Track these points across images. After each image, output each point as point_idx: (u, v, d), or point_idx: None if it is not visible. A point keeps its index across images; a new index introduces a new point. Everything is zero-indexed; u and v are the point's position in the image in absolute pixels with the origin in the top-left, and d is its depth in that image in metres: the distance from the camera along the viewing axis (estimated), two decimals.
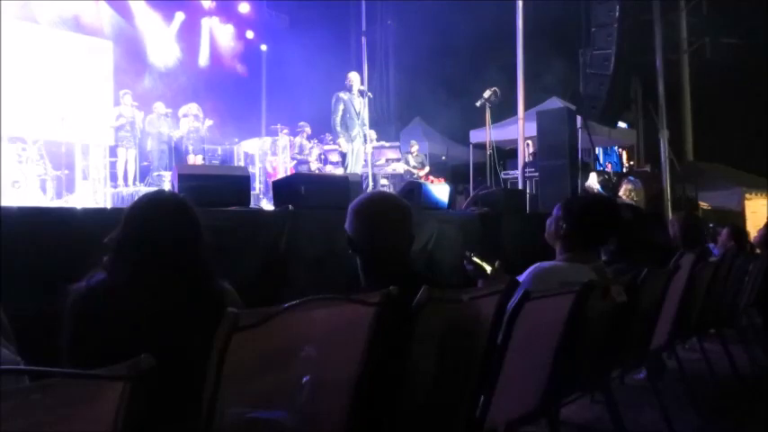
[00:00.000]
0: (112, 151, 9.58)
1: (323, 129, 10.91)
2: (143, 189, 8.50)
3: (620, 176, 12.15)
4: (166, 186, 8.27)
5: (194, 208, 1.81)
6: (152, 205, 1.78)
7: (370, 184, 9.04)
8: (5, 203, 6.30)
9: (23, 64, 9.45)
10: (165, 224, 1.72)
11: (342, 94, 8.62)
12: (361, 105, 8.73)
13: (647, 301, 2.84)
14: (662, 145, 11.94)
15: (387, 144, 11.03)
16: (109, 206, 7.75)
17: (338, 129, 8.61)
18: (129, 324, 1.52)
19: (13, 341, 1.32)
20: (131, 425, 0.92)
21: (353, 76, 8.95)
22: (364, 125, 8.86)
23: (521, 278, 2.28)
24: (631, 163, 16.56)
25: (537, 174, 9.83)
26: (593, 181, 9.73)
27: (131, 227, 1.72)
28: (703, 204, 13.25)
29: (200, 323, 1.14)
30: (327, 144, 10.65)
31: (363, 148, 8.93)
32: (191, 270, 1.71)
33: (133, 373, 0.87)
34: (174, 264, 1.69)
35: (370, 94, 9.10)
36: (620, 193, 9.16)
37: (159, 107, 9.73)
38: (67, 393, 0.89)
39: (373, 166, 9.97)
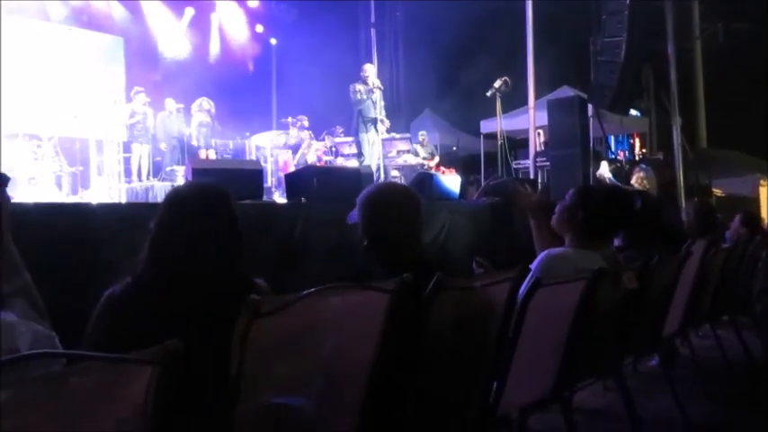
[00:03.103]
0: (126, 147, 9.68)
1: (333, 121, 10.94)
2: (157, 184, 8.60)
3: (633, 164, 12.08)
4: (180, 180, 8.35)
5: (229, 199, 1.75)
6: (180, 199, 1.73)
7: (382, 175, 9.06)
8: (22, 200, 6.38)
9: (37, 62, 9.55)
10: (194, 218, 1.66)
11: (359, 86, 8.66)
12: (377, 97, 8.77)
13: (658, 288, 2.85)
14: (674, 132, 11.83)
15: (397, 136, 11.03)
16: (123, 201, 7.84)
17: (358, 120, 8.69)
18: (162, 319, 1.50)
19: (47, 318, 1.37)
20: (160, 408, 0.96)
21: (369, 68, 8.99)
22: (380, 116, 8.89)
23: (532, 266, 2.31)
24: (644, 151, 16.45)
25: (548, 163, 9.80)
26: (604, 169, 9.70)
27: (161, 222, 1.67)
28: (717, 191, 13.14)
29: (234, 318, 1.15)
30: (338, 136, 10.67)
31: (378, 140, 8.98)
32: (228, 266, 1.67)
33: (162, 357, 0.92)
34: (210, 260, 1.64)
35: (380, 85, 9.10)
36: (632, 181, 9.13)
37: (170, 103, 9.80)
38: (99, 377, 0.94)
39: (384, 157, 9.99)
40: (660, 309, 3.00)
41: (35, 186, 7.47)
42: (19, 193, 6.95)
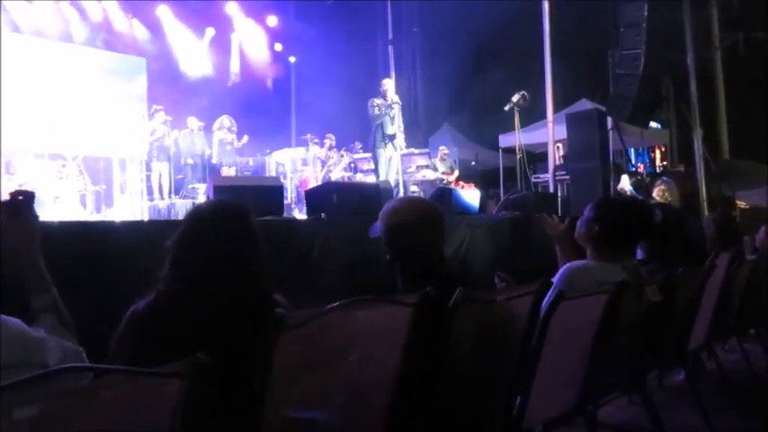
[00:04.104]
0: (148, 165, 9.83)
1: (352, 138, 11.01)
2: (178, 202, 8.70)
3: (654, 177, 11.97)
4: (201, 198, 8.45)
5: (249, 216, 1.76)
6: (202, 218, 1.74)
7: (401, 190, 9.06)
8: (47, 218, 6.49)
9: (61, 83, 9.76)
10: (216, 236, 1.68)
11: (377, 101, 8.64)
12: (395, 112, 8.72)
13: (682, 301, 2.82)
14: (696, 144, 11.72)
15: (416, 151, 11.06)
16: (146, 219, 7.94)
17: (375, 135, 8.66)
18: (185, 335, 1.50)
19: (74, 333, 1.39)
20: (188, 422, 0.97)
21: (387, 83, 8.97)
22: (398, 132, 8.83)
23: (554, 279, 2.30)
24: (664, 163, 16.30)
25: (568, 177, 9.76)
26: (625, 183, 9.62)
27: (182, 240, 1.69)
28: (741, 203, 12.95)
29: (254, 333, 1.16)
30: (357, 153, 10.73)
31: (397, 155, 8.92)
32: (247, 282, 1.68)
33: (189, 370, 0.93)
34: (230, 276, 1.65)
35: (399, 101, 9.10)
36: (654, 194, 9.04)
37: (192, 122, 9.94)
38: (127, 391, 0.95)
39: (403, 173, 10.00)
40: (685, 322, 2.96)
41: (60, 205, 7.60)
42: (44, 212, 7.08)
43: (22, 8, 9.93)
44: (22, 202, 1.42)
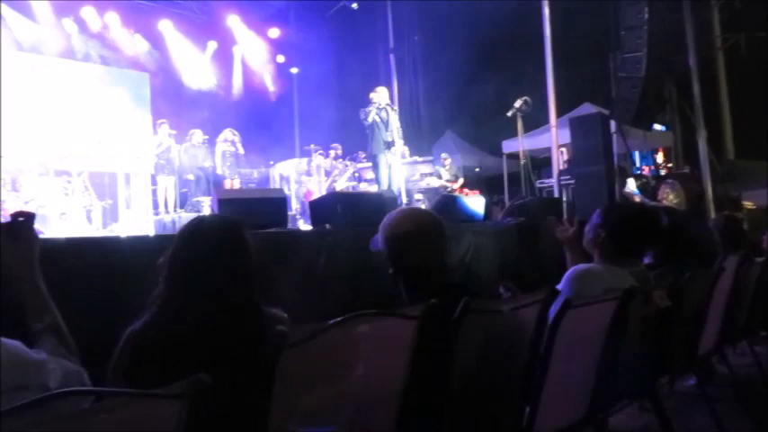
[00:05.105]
0: (153, 179, 9.86)
1: (356, 147, 11.02)
2: (183, 215, 8.72)
3: (659, 180, 11.92)
4: (206, 211, 8.46)
5: (242, 231, 1.74)
6: (194, 234, 1.73)
7: (404, 199, 9.02)
8: (54, 235, 6.53)
9: (65, 99, 9.81)
10: (209, 252, 1.66)
11: (368, 109, 8.54)
12: (391, 118, 8.60)
13: (692, 305, 2.79)
14: (700, 145, 11.68)
15: (420, 159, 11.06)
16: (152, 233, 7.95)
17: (372, 143, 8.56)
18: (182, 354, 1.48)
19: (75, 353, 1.38)
20: None
21: (379, 90, 8.80)
22: (397, 138, 8.70)
23: (559, 286, 2.28)
24: (669, 165, 16.23)
25: (572, 181, 9.73)
26: (631, 186, 9.58)
27: (176, 257, 1.67)
28: (748, 204, 12.88)
29: (252, 349, 1.14)
30: (361, 162, 10.73)
31: (397, 162, 8.80)
32: (239, 297, 1.65)
33: (190, 391, 0.92)
34: (222, 291, 1.63)
35: (394, 107, 8.99)
36: (659, 197, 9.00)
37: (197, 135, 9.98)
38: (127, 413, 0.94)
39: (407, 181, 9.98)
40: (694, 326, 2.93)
41: (66, 221, 7.62)
42: (51, 228, 7.10)
43: (25, 26, 10.01)
44: (23, 223, 1.42)
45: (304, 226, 7.94)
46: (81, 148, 9.50)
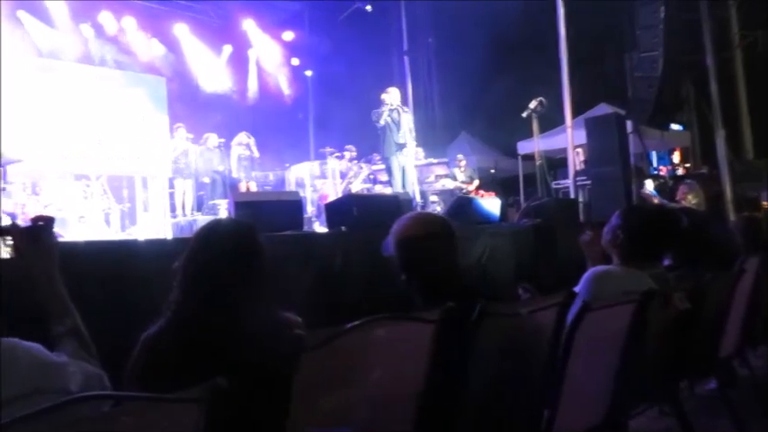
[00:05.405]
0: (171, 182, 9.93)
1: (370, 149, 11.02)
2: (200, 218, 8.77)
3: (676, 180, 11.80)
4: (222, 214, 8.51)
5: (256, 235, 1.75)
6: (208, 239, 1.73)
7: (418, 200, 8.98)
8: (73, 238, 6.60)
9: (82, 104, 9.91)
10: (223, 257, 1.66)
11: (381, 110, 8.49)
12: (403, 120, 8.52)
13: (712, 308, 2.75)
14: (718, 144, 11.54)
15: (434, 161, 11.04)
16: (170, 236, 8.01)
17: (384, 145, 8.53)
18: (198, 358, 1.49)
19: (95, 356, 1.39)
20: None
21: (390, 90, 8.74)
22: (409, 140, 8.64)
23: (577, 288, 2.26)
24: (686, 165, 16.06)
25: (589, 182, 9.66)
26: (649, 187, 9.49)
27: (190, 262, 1.68)
28: (767, 204, 12.71)
29: (267, 354, 1.15)
30: (376, 164, 10.73)
31: (410, 164, 8.71)
32: (254, 302, 1.64)
33: (208, 395, 0.92)
34: (236, 296, 1.62)
35: (406, 108, 8.94)
36: (678, 197, 8.90)
37: (212, 138, 10.05)
38: (146, 417, 0.94)
39: (422, 183, 9.96)
40: (715, 329, 2.89)
41: (85, 224, 7.70)
42: (70, 232, 7.18)
43: (44, 32, 10.15)
44: (42, 227, 1.43)
45: (320, 228, 7.96)
46: (99, 152, 9.59)
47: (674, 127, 13.40)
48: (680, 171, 15.20)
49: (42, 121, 9.18)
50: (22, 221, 5.85)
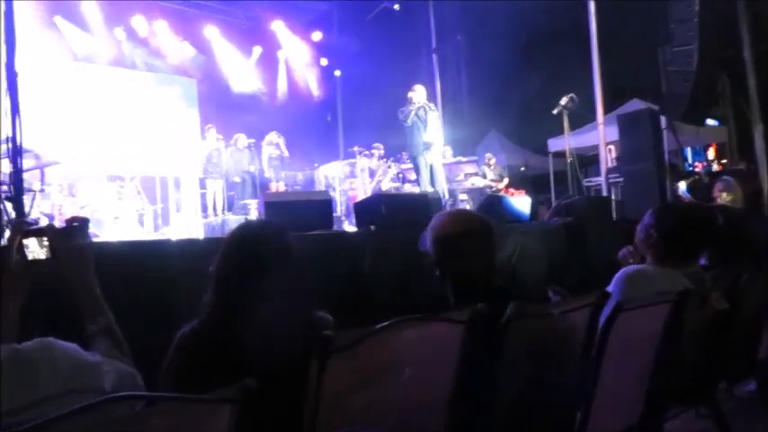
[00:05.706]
0: (202, 183, 10.07)
1: (399, 148, 11.01)
2: (231, 218, 8.87)
3: (712, 176, 11.54)
4: (253, 214, 8.59)
5: (287, 236, 1.76)
6: (239, 241, 1.75)
7: (447, 198, 8.91)
8: (108, 238, 6.74)
9: (116, 107, 10.12)
10: (254, 258, 1.67)
11: (406, 108, 8.41)
12: (429, 118, 8.41)
13: (750, 308, 2.68)
14: (757, 140, 11.24)
15: (464, 159, 10.98)
16: (201, 236, 8.12)
17: (411, 144, 8.44)
18: (231, 358, 1.50)
19: (129, 355, 1.41)
20: None
21: (416, 88, 8.65)
22: (437, 138, 8.60)
23: (610, 288, 2.22)
24: (723, 161, 15.70)
25: (621, 179, 9.50)
26: (681, 188, 9.31)
27: (222, 264, 1.70)
28: None
29: (298, 354, 1.15)
30: (404, 163, 10.72)
31: (437, 162, 8.61)
32: (285, 302, 1.65)
33: (239, 396, 0.92)
34: (267, 297, 1.63)
35: (433, 106, 8.85)
36: (714, 194, 8.70)
37: (241, 139, 10.15)
38: (179, 417, 0.95)
39: (452, 181, 9.91)
40: (753, 330, 2.82)
41: (119, 225, 7.85)
42: (105, 232, 7.34)
43: (79, 36, 10.37)
44: (77, 228, 1.45)
45: (349, 227, 7.98)
46: (133, 154, 9.78)
47: (710, 122, 13.07)
48: (715, 167, 14.86)
49: (78, 124, 9.39)
50: (59, 222, 5.99)
